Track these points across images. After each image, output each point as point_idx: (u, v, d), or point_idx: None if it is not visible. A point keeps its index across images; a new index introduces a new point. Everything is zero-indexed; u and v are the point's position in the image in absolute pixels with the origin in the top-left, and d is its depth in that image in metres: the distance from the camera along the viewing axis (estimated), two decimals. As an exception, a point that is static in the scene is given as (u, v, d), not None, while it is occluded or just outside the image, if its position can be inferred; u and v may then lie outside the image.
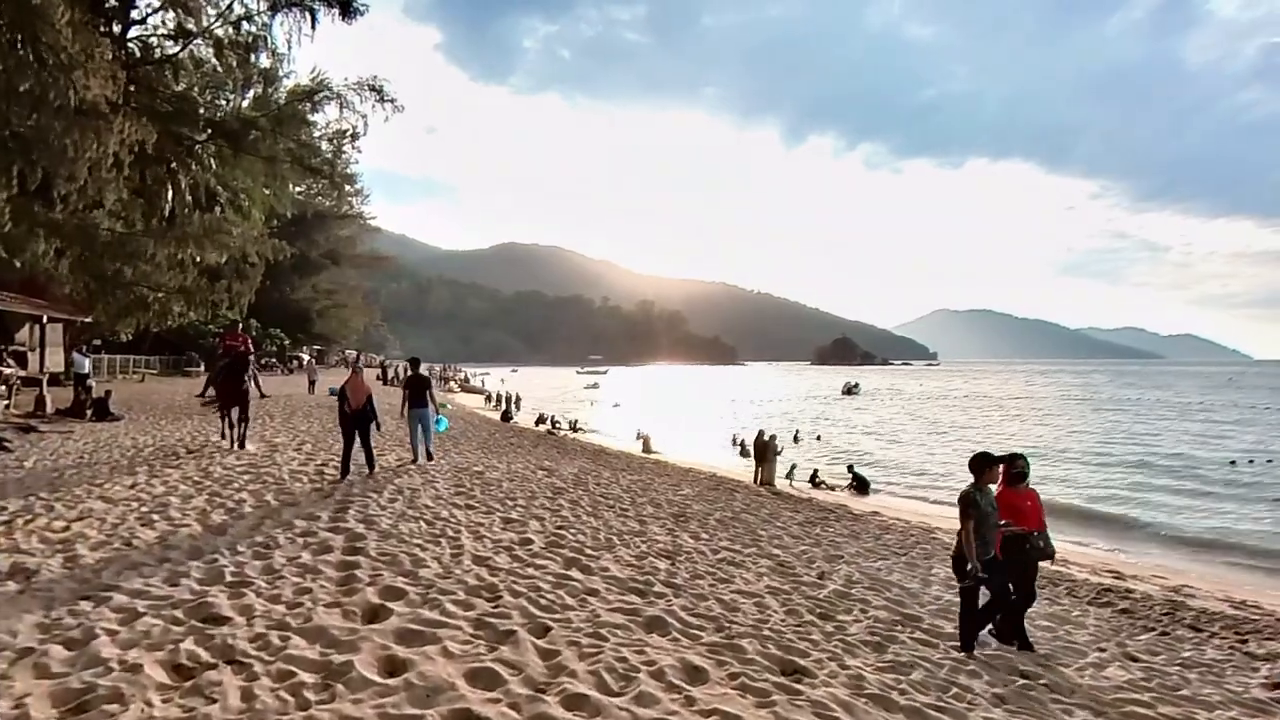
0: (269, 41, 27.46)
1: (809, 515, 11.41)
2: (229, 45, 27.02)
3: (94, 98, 13.46)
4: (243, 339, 13.00)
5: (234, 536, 6.37)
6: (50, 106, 13.52)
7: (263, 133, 27.33)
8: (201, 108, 28.09)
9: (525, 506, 8.55)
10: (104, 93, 13.68)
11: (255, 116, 27.73)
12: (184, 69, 27.15)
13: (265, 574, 5.36)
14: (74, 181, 14.00)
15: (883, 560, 8.05)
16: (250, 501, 7.81)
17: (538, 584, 5.46)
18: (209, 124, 27.06)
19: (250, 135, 27.26)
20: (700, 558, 6.95)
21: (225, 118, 27.87)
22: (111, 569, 5.31)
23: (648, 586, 5.69)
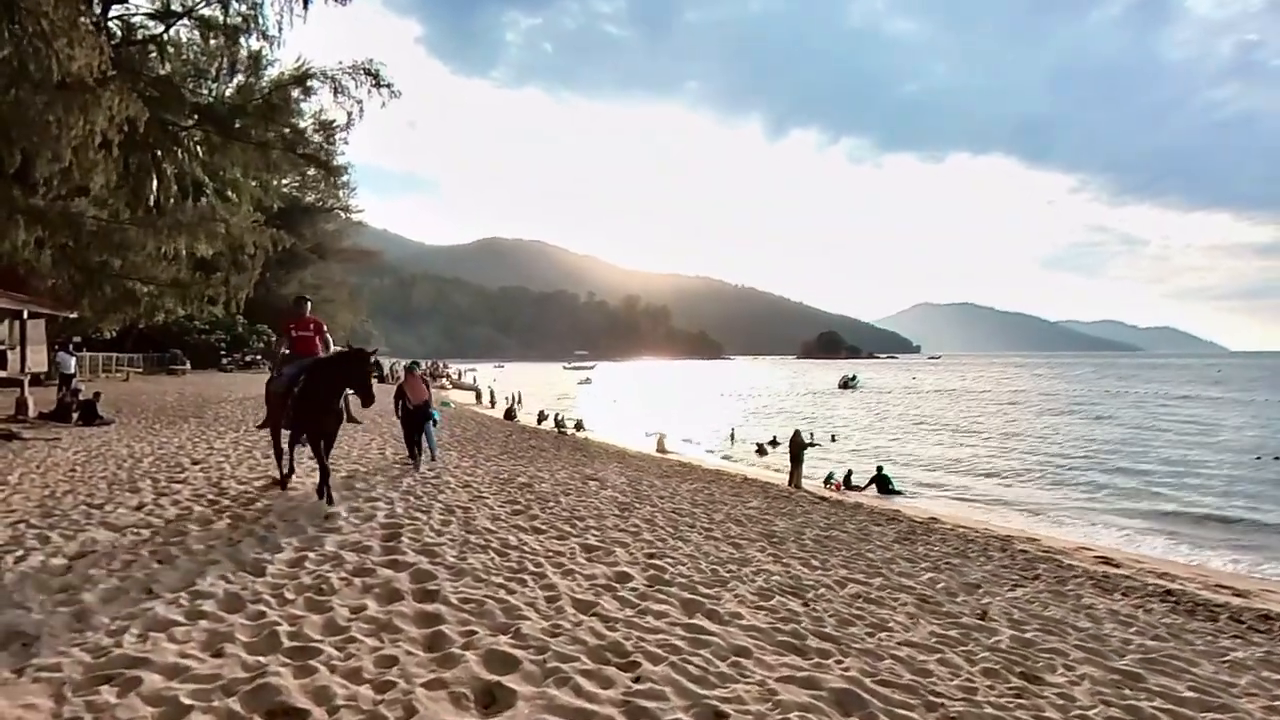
0: (259, 22, 26.03)
1: (891, 528, 10.35)
2: (216, 26, 25.56)
3: (79, 69, 12.15)
4: (316, 326, 8.35)
5: (275, 578, 5.21)
6: (31, 79, 12.19)
7: (253, 118, 25.88)
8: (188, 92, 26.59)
9: (598, 528, 7.45)
10: (90, 63, 12.36)
11: (245, 102, 26.26)
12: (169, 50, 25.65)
13: (330, 634, 4.23)
14: (58, 162, 12.67)
15: (1019, 587, 7.03)
16: (281, 528, 6.63)
17: (671, 641, 4.37)
18: (196, 109, 25.57)
19: (240, 121, 25.82)
20: (830, 594, 5.89)
21: (214, 103, 26.38)
22: (134, 630, 4.15)
23: (800, 640, 4.62)
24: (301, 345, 8.27)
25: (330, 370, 7.36)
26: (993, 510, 16.11)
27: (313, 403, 7.35)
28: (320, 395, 7.33)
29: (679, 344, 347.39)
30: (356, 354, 7.38)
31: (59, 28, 11.99)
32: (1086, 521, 15.22)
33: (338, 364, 7.36)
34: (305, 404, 7.40)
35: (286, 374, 7.83)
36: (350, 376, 7.26)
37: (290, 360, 8.12)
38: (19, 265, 14.90)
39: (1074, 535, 13.46)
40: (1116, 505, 17.15)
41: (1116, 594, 7.21)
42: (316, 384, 7.32)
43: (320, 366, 7.48)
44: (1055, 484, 20.16)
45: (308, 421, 7.56)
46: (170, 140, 24.84)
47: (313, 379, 7.37)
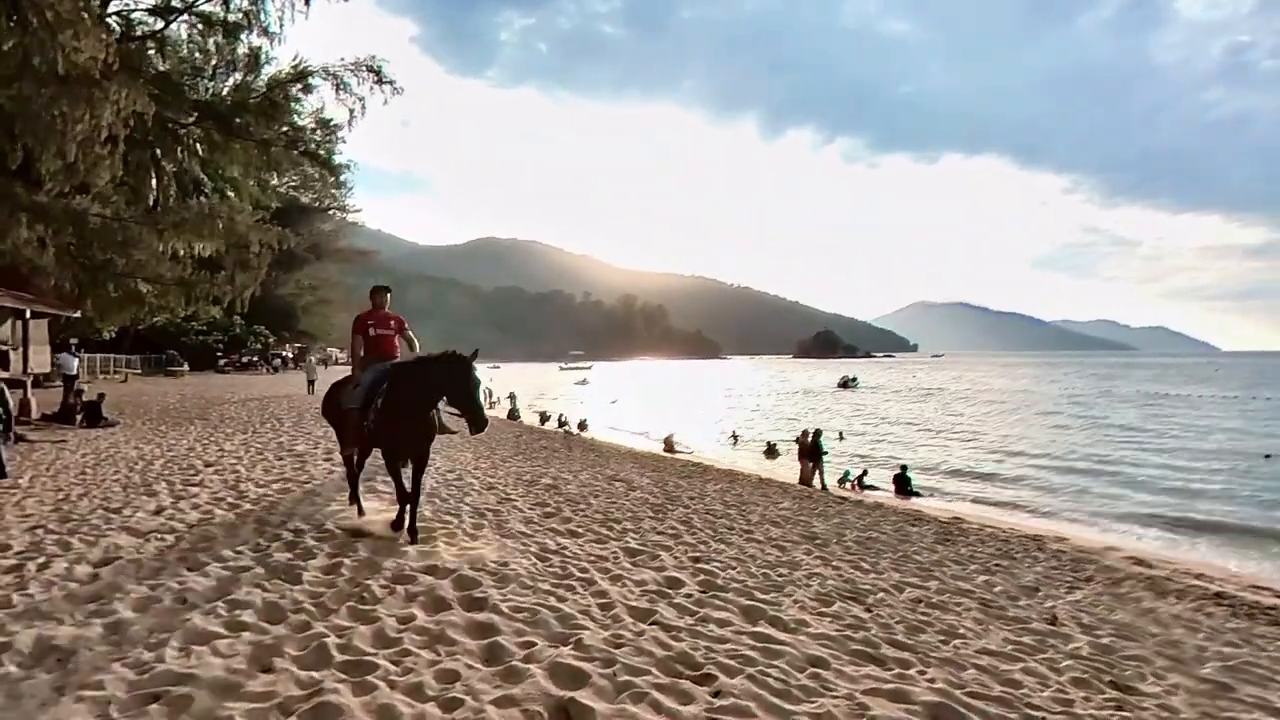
0: (261, 18, 25.70)
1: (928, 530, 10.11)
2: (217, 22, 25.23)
3: (85, 62, 11.85)
4: (398, 323, 6.94)
5: (312, 586, 4.96)
6: (35, 73, 11.89)
7: (254, 115, 25.54)
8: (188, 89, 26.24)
9: (635, 531, 7.21)
10: (96, 56, 12.07)
11: (246, 99, 25.93)
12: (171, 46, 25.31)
13: (382, 646, 3.98)
14: (63, 158, 12.35)
15: (1075, 590, 6.82)
16: (310, 532, 6.37)
17: (741, 652, 4.13)
18: (196, 106, 25.23)
19: (241, 118, 25.48)
20: (890, 598, 5.65)
21: (214, 100, 26.03)
22: (174, 643, 3.90)
23: (875, 649, 4.39)
24: (379, 346, 6.74)
25: (421, 376, 5.82)
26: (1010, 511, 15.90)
27: (400, 417, 5.86)
28: (409, 408, 5.83)
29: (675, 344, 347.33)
30: (453, 358, 5.65)
31: (64, 20, 11.70)
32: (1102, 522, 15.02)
33: (431, 370, 5.78)
34: (390, 419, 5.88)
35: (364, 382, 6.25)
36: (448, 386, 5.68)
37: (365, 364, 6.60)
38: (21, 264, 14.59)
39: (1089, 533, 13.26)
40: (1126, 505, 16.95)
41: (1170, 597, 7.01)
42: (404, 394, 5.83)
43: (407, 371, 6.00)
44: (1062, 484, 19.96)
45: (393, 441, 6.02)
46: (170, 138, 24.51)
47: (398, 387, 5.88)
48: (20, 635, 3.93)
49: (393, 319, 6.90)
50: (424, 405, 5.90)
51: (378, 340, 6.79)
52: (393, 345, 6.85)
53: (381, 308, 6.93)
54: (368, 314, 6.88)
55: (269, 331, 55.45)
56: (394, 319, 6.91)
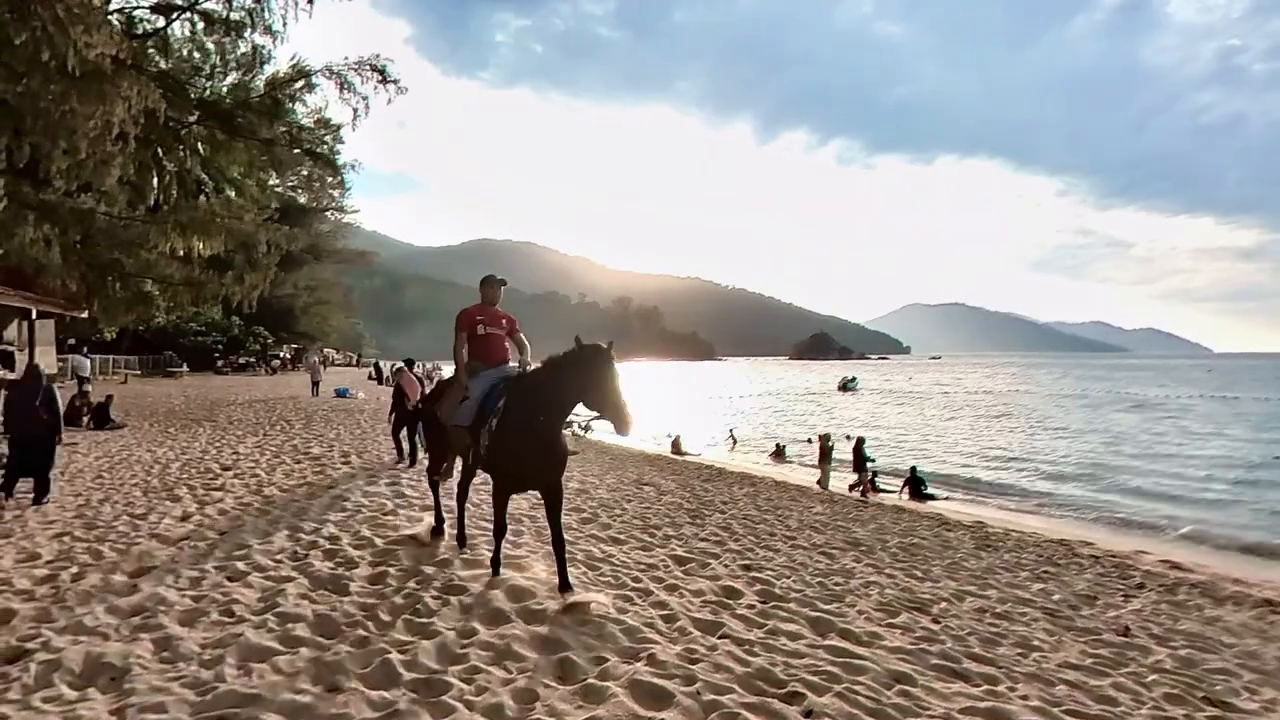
0: (265, 16, 25.44)
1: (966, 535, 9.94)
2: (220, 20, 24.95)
3: (97, 57, 11.61)
4: (509, 323, 5.72)
5: (361, 596, 4.76)
6: (44, 69, 11.62)
7: (257, 114, 25.28)
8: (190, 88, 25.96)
9: (678, 537, 7.03)
10: (108, 51, 11.83)
11: (250, 97, 25.67)
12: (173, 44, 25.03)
13: (449, 662, 3.79)
14: (74, 155, 12.09)
15: (1132, 598, 6.65)
16: (346, 540, 6.17)
17: (822, 667, 3.95)
18: (199, 105, 24.94)
19: (244, 117, 25.21)
20: (954, 608, 5.49)
21: (217, 99, 25.76)
22: (228, 660, 3.69)
23: (956, 663, 4.21)
24: (488, 348, 5.50)
25: (552, 385, 4.59)
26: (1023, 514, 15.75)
27: (525, 439, 4.64)
28: (537, 426, 4.61)
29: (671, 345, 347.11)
30: (590, 351, 4.50)
31: (75, 14, 11.45)
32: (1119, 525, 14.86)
33: (564, 373, 4.56)
34: (512, 442, 4.67)
35: (474, 393, 5.11)
36: (586, 388, 4.44)
37: (472, 371, 5.37)
38: (27, 263, 14.33)
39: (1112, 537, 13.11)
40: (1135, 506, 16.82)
41: (1228, 604, 6.86)
42: (530, 408, 4.63)
43: (533, 381, 4.77)
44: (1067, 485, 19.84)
45: (516, 468, 4.77)
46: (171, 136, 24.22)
47: (523, 400, 4.70)
48: (68, 652, 3.73)
49: (504, 317, 5.64)
50: (555, 421, 4.70)
51: (487, 341, 5.51)
52: (504, 348, 5.59)
53: (493, 302, 5.63)
54: (475, 309, 5.59)
55: (268, 332, 55.03)
56: (506, 317, 5.65)
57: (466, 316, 5.57)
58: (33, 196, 13.57)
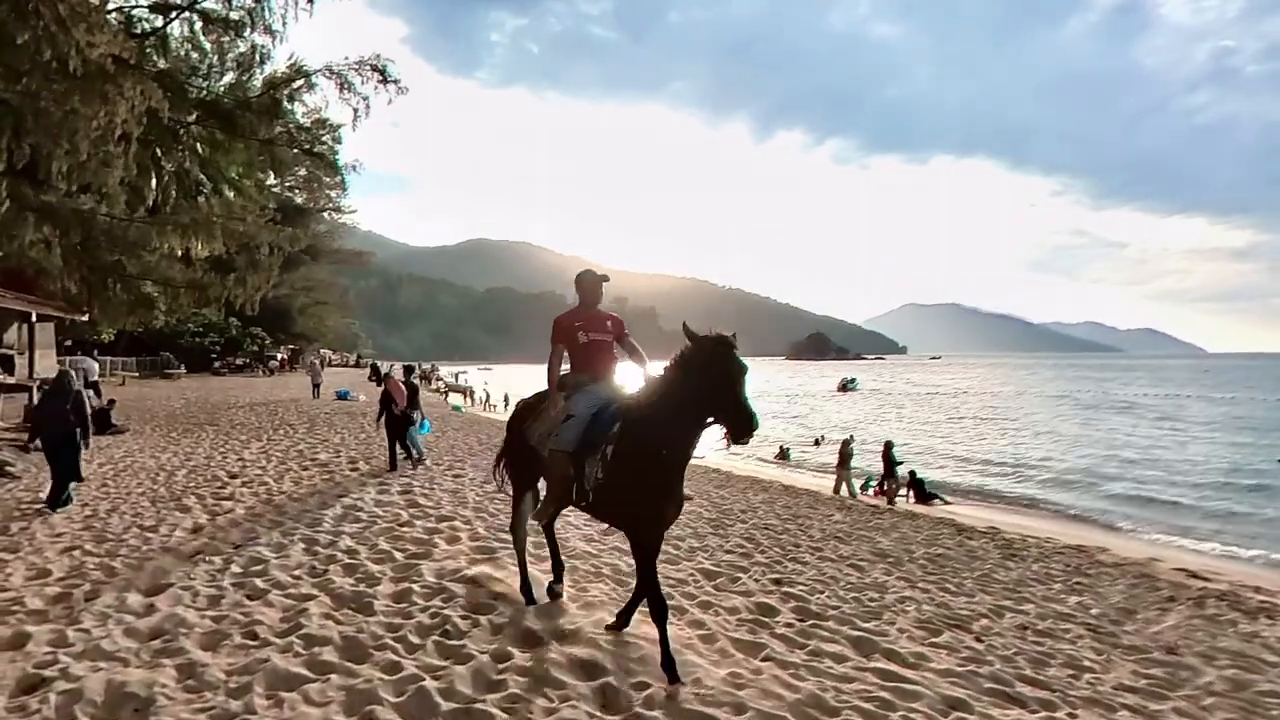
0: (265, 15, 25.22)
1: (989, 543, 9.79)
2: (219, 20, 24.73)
3: (100, 57, 11.41)
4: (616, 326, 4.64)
5: (387, 617, 4.59)
6: (44, 69, 11.43)
7: (257, 114, 25.06)
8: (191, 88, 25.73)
9: (703, 549, 6.88)
10: (112, 51, 11.63)
11: (250, 97, 25.46)
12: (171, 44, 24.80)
13: (487, 689, 3.62)
14: (75, 155, 11.89)
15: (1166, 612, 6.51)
16: (365, 553, 6.00)
17: (872, 692, 3.80)
18: (198, 104, 24.72)
19: (243, 117, 25.00)
20: (994, 625, 5.35)
21: (216, 98, 25.54)
22: (258, 688, 3.53)
23: (1008, 686, 4.08)
24: (593, 359, 4.50)
25: (675, 398, 3.62)
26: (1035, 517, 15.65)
27: (649, 474, 3.71)
28: (661, 454, 3.67)
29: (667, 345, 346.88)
30: (715, 346, 3.53)
31: (77, 13, 11.26)
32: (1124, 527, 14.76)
33: (685, 380, 3.59)
34: (634, 477, 3.74)
35: (579, 412, 4.17)
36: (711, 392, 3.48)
37: (577, 385, 4.40)
38: (27, 265, 14.12)
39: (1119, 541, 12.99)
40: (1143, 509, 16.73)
41: (1261, 617, 6.71)
42: (655, 433, 3.66)
43: (654, 398, 3.78)
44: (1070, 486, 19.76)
45: (639, 508, 3.83)
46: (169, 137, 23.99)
47: (648, 422, 3.72)
48: (88, 680, 3.56)
49: (609, 319, 4.61)
50: (684, 449, 3.73)
51: (591, 351, 4.50)
52: (611, 358, 4.60)
53: (594, 303, 4.60)
54: (573, 315, 4.58)
55: (265, 333, 54.74)
56: (611, 319, 4.62)
57: (564, 326, 4.53)
58: (33, 198, 13.37)
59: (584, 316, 4.57)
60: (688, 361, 3.62)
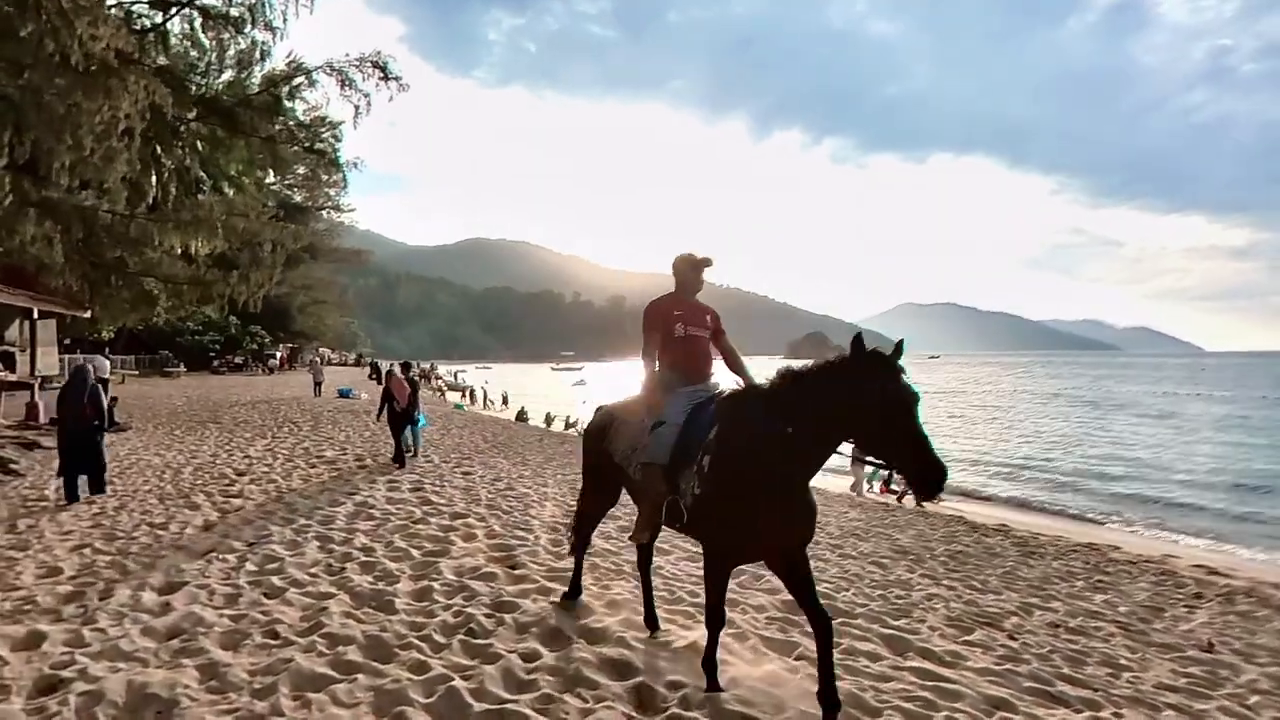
0: (265, 11, 25.09)
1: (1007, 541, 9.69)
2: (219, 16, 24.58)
3: (103, 51, 11.29)
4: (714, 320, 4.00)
5: (410, 615, 4.49)
6: (47, 63, 11.29)
7: (258, 111, 24.92)
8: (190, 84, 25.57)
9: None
10: (116, 45, 11.51)
11: (250, 94, 25.32)
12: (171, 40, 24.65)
13: (519, 690, 3.52)
14: (79, 151, 11.75)
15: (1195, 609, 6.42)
16: (381, 550, 5.90)
17: (912, 691, 3.70)
18: (200, 101, 24.57)
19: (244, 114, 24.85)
20: (1025, 623, 5.25)
21: (217, 95, 25.39)
22: (282, 690, 3.42)
23: (1048, 685, 3.99)
24: (689, 355, 3.87)
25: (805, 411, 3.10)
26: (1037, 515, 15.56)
27: (756, 480, 3.15)
28: (773, 467, 3.15)
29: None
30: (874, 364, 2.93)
31: (81, 6, 11.12)
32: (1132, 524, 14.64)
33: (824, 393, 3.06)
34: (739, 485, 3.19)
35: (672, 415, 3.60)
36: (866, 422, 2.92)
37: (668, 388, 3.77)
38: (28, 262, 13.99)
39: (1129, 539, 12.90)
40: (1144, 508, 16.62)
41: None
42: (759, 440, 3.20)
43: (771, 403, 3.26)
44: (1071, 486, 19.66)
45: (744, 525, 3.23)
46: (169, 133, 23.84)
47: (748, 428, 3.28)
48: (108, 681, 3.45)
49: (708, 312, 3.97)
50: (800, 462, 3.17)
51: (687, 346, 3.86)
52: (708, 359, 3.94)
53: (693, 291, 4.00)
54: (670, 302, 3.95)
55: (265, 332, 54.55)
56: (709, 313, 3.98)
57: (660, 312, 3.90)
58: (34, 193, 13.23)
59: (684, 306, 3.92)
60: (837, 373, 3.02)
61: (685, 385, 3.78)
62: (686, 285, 3.99)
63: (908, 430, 2.80)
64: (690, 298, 3.98)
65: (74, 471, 7.88)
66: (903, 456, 2.83)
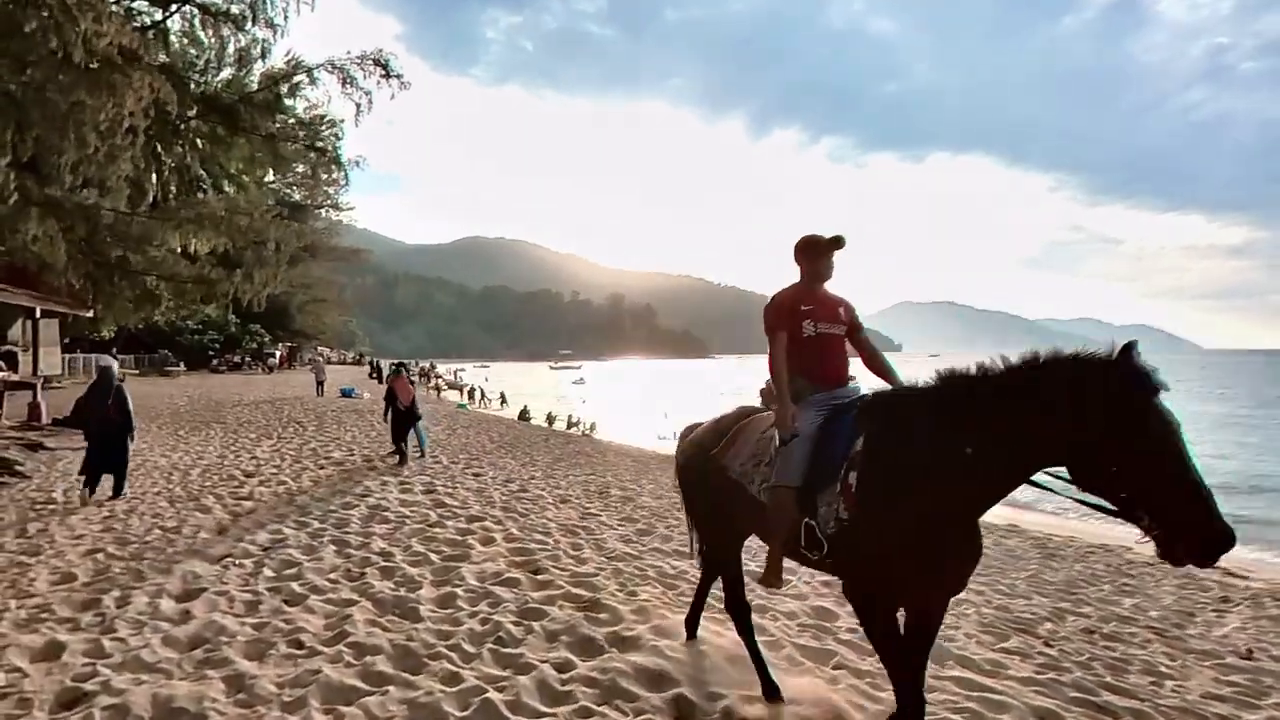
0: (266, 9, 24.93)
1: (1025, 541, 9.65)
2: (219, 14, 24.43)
3: (107, 48, 11.16)
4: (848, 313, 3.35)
5: (435, 623, 4.39)
6: (49, 60, 11.16)
7: (259, 109, 24.78)
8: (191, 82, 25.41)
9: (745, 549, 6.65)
10: (120, 41, 11.37)
11: (252, 92, 25.17)
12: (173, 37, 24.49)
13: (555, 702, 3.43)
14: (83, 149, 11.62)
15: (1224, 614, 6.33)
16: (400, 555, 5.80)
17: (957, 702, 3.61)
18: (200, 99, 24.41)
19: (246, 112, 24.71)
20: (1058, 627, 5.17)
21: (219, 93, 25.24)
22: (313, 704, 3.32)
23: (1095, 696, 3.89)
24: (824, 357, 3.26)
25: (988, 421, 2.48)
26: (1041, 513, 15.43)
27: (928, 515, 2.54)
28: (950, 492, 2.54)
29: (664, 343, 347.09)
30: (1129, 377, 2.21)
31: (84, 2, 10.99)
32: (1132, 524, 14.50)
33: (1026, 401, 2.40)
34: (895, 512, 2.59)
35: (804, 427, 3.00)
36: (1084, 439, 2.26)
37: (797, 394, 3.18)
38: (30, 260, 13.86)
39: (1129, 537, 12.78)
40: None
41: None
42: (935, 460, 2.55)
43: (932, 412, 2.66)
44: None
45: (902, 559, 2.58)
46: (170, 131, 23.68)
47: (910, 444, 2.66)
48: (132, 694, 3.35)
49: (841, 305, 3.33)
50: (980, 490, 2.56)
51: (819, 348, 3.24)
52: (845, 361, 3.34)
53: (824, 280, 3.34)
54: (797, 294, 3.31)
55: (265, 331, 54.36)
56: (843, 305, 3.34)
57: (786, 308, 3.28)
58: (36, 192, 13.10)
59: (812, 299, 3.28)
60: (1057, 382, 2.32)
61: (818, 392, 3.15)
62: (813, 273, 3.32)
63: (1178, 472, 2.13)
64: (819, 288, 3.33)
65: (99, 470, 7.97)
66: (1165, 505, 2.13)
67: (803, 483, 2.90)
